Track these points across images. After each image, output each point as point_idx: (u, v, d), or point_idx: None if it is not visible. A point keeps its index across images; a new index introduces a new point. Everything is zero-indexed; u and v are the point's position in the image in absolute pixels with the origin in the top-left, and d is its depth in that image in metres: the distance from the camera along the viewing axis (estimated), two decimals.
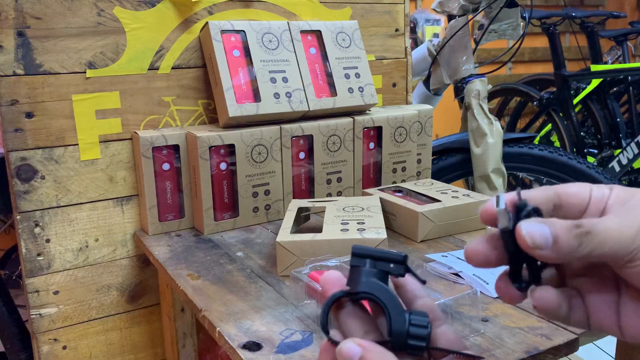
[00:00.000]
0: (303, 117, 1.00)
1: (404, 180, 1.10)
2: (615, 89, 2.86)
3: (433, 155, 1.57)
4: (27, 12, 0.84)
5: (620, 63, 2.93)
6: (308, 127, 0.98)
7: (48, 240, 0.90)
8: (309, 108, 0.98)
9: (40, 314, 0.92)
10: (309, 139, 0.99)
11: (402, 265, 0.37)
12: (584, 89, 2.74)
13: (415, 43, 3.40)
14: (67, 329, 0.95)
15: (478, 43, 1.61)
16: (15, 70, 0.85)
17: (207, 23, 0.95)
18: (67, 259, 0.93)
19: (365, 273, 0.37)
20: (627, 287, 0.36)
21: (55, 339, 0.94)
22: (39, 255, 0.90)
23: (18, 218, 0.88)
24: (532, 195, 0.35)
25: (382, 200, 0.91)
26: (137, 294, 1.01)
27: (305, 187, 1.01)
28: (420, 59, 1.69)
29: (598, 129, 2.74)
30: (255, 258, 0.82)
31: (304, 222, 0.94)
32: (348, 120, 1.01)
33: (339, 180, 1.03)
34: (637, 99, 2.80)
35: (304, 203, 0.91)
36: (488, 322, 0.61)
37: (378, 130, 1.06)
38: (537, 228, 0.32)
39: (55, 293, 0.93)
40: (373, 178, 1.08)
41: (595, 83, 2.70)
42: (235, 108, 0.91)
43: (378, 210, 0.85)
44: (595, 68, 2.61)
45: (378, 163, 1.07)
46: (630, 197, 0.35)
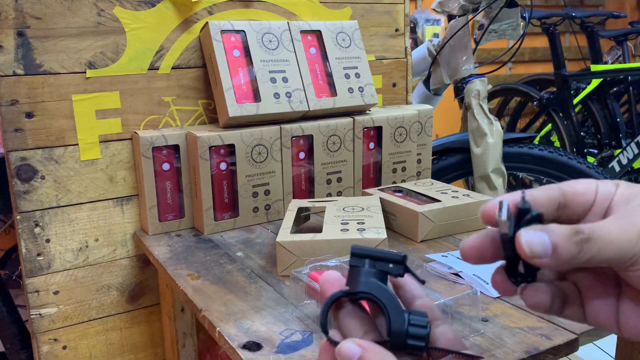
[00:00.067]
0: (303, 117, 1.00)
1: (404, 180, 1.10)
2: (615, 89, 2.85)
3: (433, 155, 1.57)
4: (27, 12, 0.84)
5: (620, 63, 2.93)
6: (308, 127, 0.98)
7: (48, 240, 0.91)
8: (309, 108, 0.98)
9: (40, 314, 0.92)
10: (309, 139, 0.99)
11: (401, 265, 0.37)
12: (584, 89, 2.74)
13: (415, 43, 3.40)
14: (67, 329, 0.95)
15: (478, 43, 1.61)
16: (15, 70, 0.85)
17: (207, 23, 0.95)
18: (67, 259, 0.93)
19: (365, 273, 0.37)
20: (628, 285, 0.36)
21: (55, 339, 0.94)
22: (39, 255, 0.90)
23: (18, 218, 0.88)
24: (536, 196, 0.35)
25: (382, 200, 0.91)
26: (137, 294, 1.01)
27: (305, 187, 1.01)
28: (420, 59, 1.69)
29: (598, 129, 2.74)
30: (255, 258, 0.82)
31: (304, 222, 0.94)
32: (348, 120, 1.01)
33: (339, 180, 1.03)
34: (637, 99, 2.80)
35: (304, 203, 0.91)
36: (488, 322, 0.61)
37: (378, 130, 1.06)
38: (536, 237, 0.32)
39: (55, 293, 0.93)
40: (373, 178, 1.08)
41: (595, 83, 2.70)
42: (235, 108, 0.91)
43: (378, 210, 0.85)
44: (595, 68, 2.61)
45: (378, 163, 1.07)
46: (635, 195, 0.35)
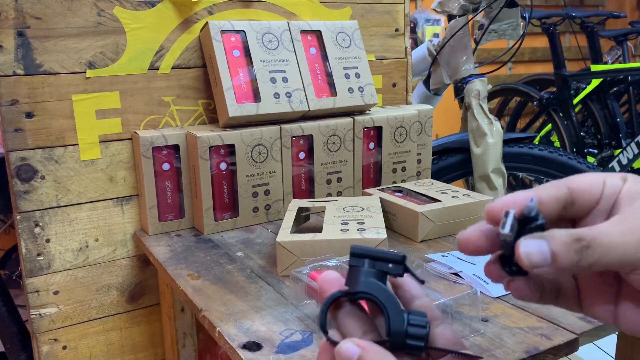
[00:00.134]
0: (303, 117, 1.00)
1: (404, 180, 1.10)
2: (615, 89, 2.85)
3: (433, 155, 1.57)
4: (27, 12, 0.84)
5: (620, 63, 2.93)
6: (308, 127, 0.98)
7: (48, 240, 0.91)
8: (309, 108, 0.98)
9: (40, 314, 0.92)
10: (309, 139, 0.99)
11: (400, 265, 0.37)
12: (584, 89, 2.74)
13: (415, 43, 3.40)
14: (67, 329, 0.95)
15: (478, 43, 1.61)
16: (15, 70, 0.85)
17: (207, 23, 0.95)
18: (67, 259, 0.93)
19: (364, 273, 0.37)
20: (628, 285, 0.35)
21: (55, 339, 0.94)
22: (39, 255, 0.90)
23: (18, 218, 0.88)
24: (544, 198, 0.34)
25: (382, 200, 0.91)
26: (137, 294, 1.01)
27: (305, 187, 1.01)
28: (420, 59, 1.69)
29: (598, 129, 2.74)
30: (255, 258, 0.82)
31: (304, 222, 0.94)
32: (348, 120, 1.01)
33: (339, 180, 1.03)
34: (637, 99, 2.80)
35: (304, 203, 0.91)
36: (488, 322, 0.61)
37: (378, 130, 1.06)
38: (535, 246, 0.32)
39: (55, 293, 0.93)
40: (373, 178, 1.08)
41: (595, 83, 2.70)
42: (235, 108, 0.91)
43: (378, 210, 0.85)
44: (595, 68, 2.61)
45: (378, 163, 1.07)
46: None
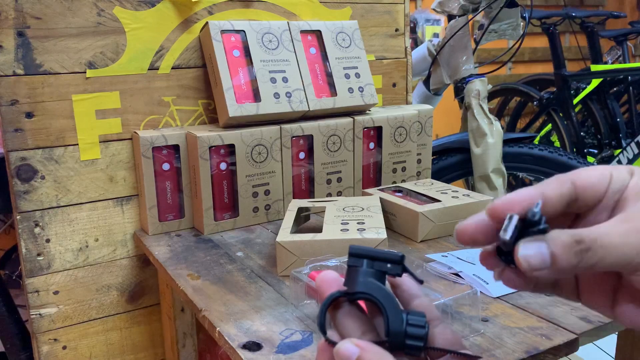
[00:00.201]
0: (303, 117, 1.00)
1: (404, 180, 1.10)
2: (615, 89, 2.85)
3: (433, 155, 1.57)
4: (27, 12, 0.84)
5: (620, 63, 2.93)
6: (308, 127, 0.98)
7: (48, 240, 0.91)
8: (309, 108, 0.98)
9: (40, 314, 0.92)
10: (309, 139, 0.99)
11: (399, 265, 0.37)
12: (584, 89, 2.74)
13: (415, 43, 3.40)
14: (67, 329, 0.95)
15: (478, 43, 1.61)
16: (15, 70, 0.85)
17: (207, 23, 0.95)
18: (67, 259, 0.93)
19: (363, 273, 0.37)
20: (628, 282, 0.35)
21: (55, 339, 0.94)
22: (39, 255, 0.90)
23: (18, 218, 0.88)
24: (549, 196, 0.34)
25: (382, 200, 0.91)
26: (137, 294, 1.01)
27: (305, 187, 1.01)
28: (420, 59, 1.69)
29: (598, 129, 2.74)
30: (255, 258, 0.82)
31: (304, 222, 0.94)
32: (348, 120, 1.01)
33: (339, 180, 1.03)
34: (637, 99, 2.80)
35: (304, 203, 0.91)
36: (488, 322, 0.61)
37: (378, 130, 1.06)
38: (534, 249, 0.31)
39: (55, 293, 0.93)
40: (373, 178, 1.08)
41: (595, 83, 2.70)
42: (235, 108, 0.91)
43: (378, 210, 0.85)
44: (595, 68, 2.61)
45: (378, 163, 1.07)
46: None
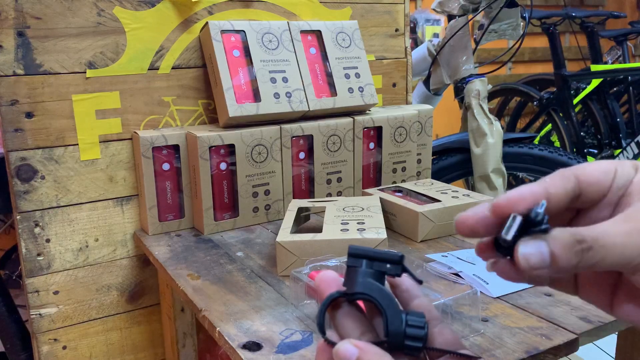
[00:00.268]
0: (303, 117, 1.00)
1: (404, 180, 1.10)
2: (615, 89, 2.85)
3: (433, 155, 1.57)
4: (27, 12, 0.84)
5: (620, 63, 2.93)
6: (308, 127, 0.98)
7: (48, 240, 0.90)
8: (309, 108, 0.98)
9: (40, 314, 0.92)
10: (309, 139, 0.99)
11: (398, 265, 0.37)
12: (584, 89, 2.74)
13: (415, 43, 3.40)
14: (67, 329, 0.95)
15: (478, 43, 1.61)
16: (15, 70, 0.85)
17: (207, 23, 0.95)
18: (67, 259, 0.93)
19: (362, 273, 0.36)
20: (627, 280, 0.35)
21: (55, 339, 0.94)
22: (39, 255, 0.90)
23: (18, 218, 0.88)
24: (552, 193, 0.33)
25: (382, 200, 0.91)
26: (137, 294, 1.01)
27: (305, 187, 1.01)
28: (420, 59, 1.69)
29: (598, 129, 2.74)
30: (255, 258, 0.82)
31: (304, 222, 0.94)
32: (348, 120, 1.01)
33: (339, 180, 1.03)
34: (637, 99, 2.80)
35: (304, 203, 0.91)
36: (488, 322, 0.61)
37: (378, 130, 1.06)
38: (534, 248, 0.31)
39: (55, 293, 0.93)
40: (373, 178, 1.08)
41: (595, 83, 2.70)
42: (235, 108, 0.91)
43: (378, 210, 0.85)
44: (595, 68, 2.61)
45: (378, 163, 1.07)
46: None
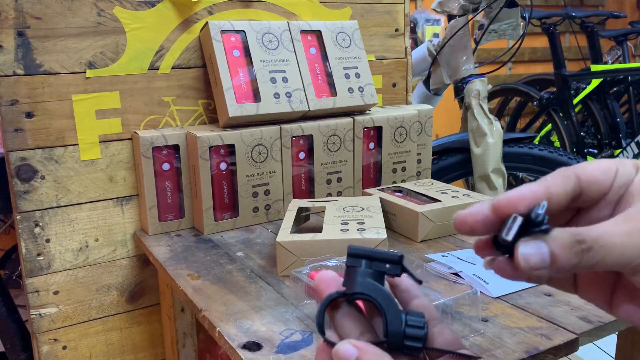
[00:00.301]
0: (303, 117, 1.00)
1: (404, 180, 1.10)
2: (615, 89, 2.85)
3: (433, 155, 1.57)
4: (27, 12, 0.84)
5: (620, 63, 2.93)
6: (308, 127, 0.98)
7: (48, 240, 0.90)
8: (309, 108, 0.98)
9: (40, 314, 0.92)
10: (309, 139, 0.99)
11: (398, 265, 0.37)
12: (584, 89, 2.74)
13: (415, 43, 3.40)
14: (67, 329, 0.95)
15: (478, 43, 1.61)
16: (15, 70, 0.85)
17: (207, 23, 0.95)
18: (67, 259, 0.93)
19: (361, 273, 0.36)
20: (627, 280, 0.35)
21: (55, 339, 0.94)
22: (39, 255, 0.90)
23: (18, 218, 0.88)
24: (554, 193, 0.33)
25: (382, 200, 0.91)
26: (137, 294, 1.01)
27: (305, 187, 1.01)
28: (420, 59, 1.69)
29: (598, 129, 2.74)
30: (255, 258, 0.82)
31: (304, 222, 0.94)
32: (348, 120, 1.01)
33: (339, 180, 1.03)
34: (637, 99, 2.80)
35: (304, 203, 0.91)
36: (488, 322, 0.61)
37: (378, 130, 1.06)
38: (534, 249, 0.31)
39: (55, 293, 0.93)
40: (373, 178, 1.08)
41: (595, 83, 2.70)
42: (235, 108, 0.91)
43: (378, 210, 0.85)
44: (595, 68, 2.61)
45: (378, 163, 1.07)
46: None
